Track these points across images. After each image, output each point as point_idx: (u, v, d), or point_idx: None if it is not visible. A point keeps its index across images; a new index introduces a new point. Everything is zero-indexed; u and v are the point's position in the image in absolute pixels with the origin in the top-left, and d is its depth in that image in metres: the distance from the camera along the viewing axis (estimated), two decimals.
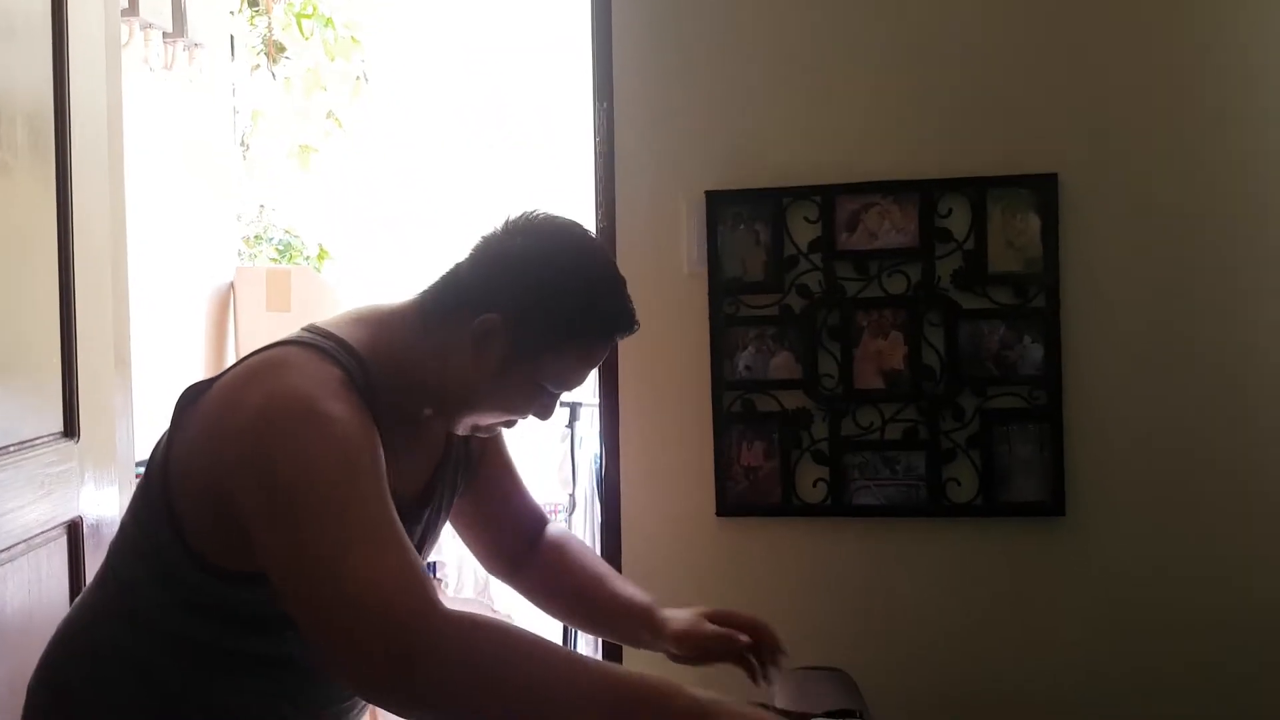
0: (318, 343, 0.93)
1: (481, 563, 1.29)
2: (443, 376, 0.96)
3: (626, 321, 0.99)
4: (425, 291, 0.99)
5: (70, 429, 1.74)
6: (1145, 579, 1.79)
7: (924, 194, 1.81)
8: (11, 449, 1.57)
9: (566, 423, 2.57)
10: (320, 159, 3.46)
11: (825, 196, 1.83)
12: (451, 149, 3.23)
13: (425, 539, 1.08)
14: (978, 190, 1.80)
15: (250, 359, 0.94)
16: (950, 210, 1.81)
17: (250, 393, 0.89)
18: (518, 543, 1.26)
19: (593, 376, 2.23)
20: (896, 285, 1.82)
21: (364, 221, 3.77)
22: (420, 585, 0.80)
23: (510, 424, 1.05)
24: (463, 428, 1.02)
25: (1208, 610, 1.77)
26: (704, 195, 1.86)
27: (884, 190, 1.82)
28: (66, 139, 1.69)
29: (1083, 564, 1.80)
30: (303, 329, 0.97)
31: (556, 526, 1.33)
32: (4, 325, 1.54)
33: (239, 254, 3.31)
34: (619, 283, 0.99)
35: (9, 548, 1.56)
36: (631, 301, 0.99)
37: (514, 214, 0.99)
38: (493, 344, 0.94)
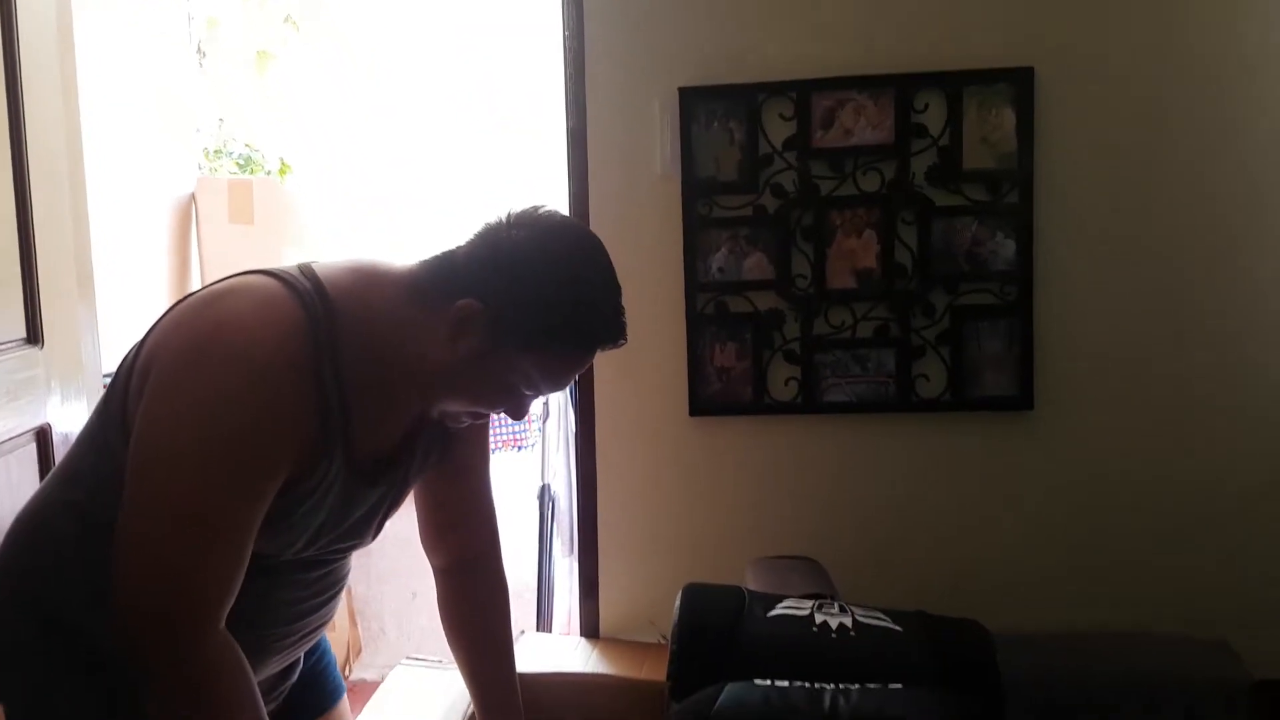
0: (294, 281, 0.91)
1: (420, 533, 1.23)
2: (414, 351, 0.93)
3: (614, 334, 0.94)
4: (422, 262, 0.96)
5: (33, 335, 1.72)
6: (1111, 470, 1.85)
7: (900, 89, 1.79)
8: None
9: None
10: (279, 65, 3.34)
11: (801, 92, 1.80)
12: (413, 60, 3.13)
13: (388, 504, 1.06)
14: (954, 85, 1.78)
15: (228, 278, 0.93)
16: (926, 106, 1.79)
17: (208, 313, 0.89)
18: (459, 544, 1.20)
19: None
20: (871, 183, 1.82)
21: (325, 133, 3.66)
22: (202, 605, 0.83)
23: (477, 417, 1.01)
24: (432, 410, 0.99)
25: (1171, 498, 1.84)
26: (677, 92, 1.82)
27: (860, 85, 1.79)
28: (14, 49, 1.63)
29: (1050, 456, 1.86)
30: (297, 265, 0.95)
31: (500, 567, 1.25)
32: None
33: (199, 167, 3.20)
34: (614, 292, 0.94)
35: None
36: (624, 314, 0.94)
37: (521, 206, 0.94)
38: (469, 332, 0.90)
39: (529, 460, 3.25)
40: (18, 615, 0.96)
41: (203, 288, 0.95)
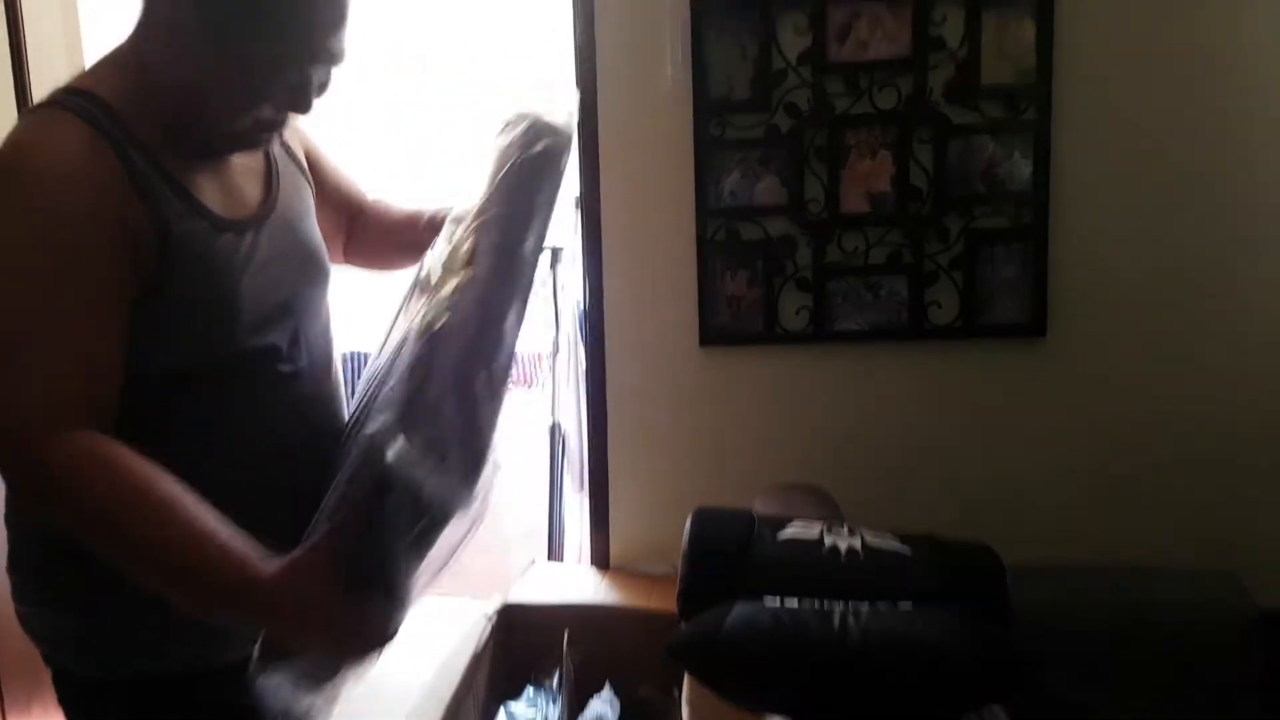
0: (62, 100, 0.87)
1: (344, 259, 1.23)
2: (175, 89, 0.88)
3: None
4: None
5: None
6: (1124, 398, 1.82)
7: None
8: None
9: (549, 266, 2.53)
10: None
11: (816, 4, 1.73)
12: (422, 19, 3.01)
13: (286, 254, 1.00)
14: None
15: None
16: (944, 17, 1.72)
17: None
18: (355, 225, 1.21)
19: (572, 212, 2.19)
20: (887, 100, 1.75)
21: (337, 128, 3.56)
22: (55, 408, 0.79)
23: (283, 119, 0.93)
24: (243, 129, 0.93)
25: (1184, 427, 1.81)
26: (688, 4, 1.75)
27: None
28: (20, 29, 1.60)
29: (1062, 384, 1.82)
30: (59, 90, 0.90)
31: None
32: None
33: None
34: None
35: None
36: None
37: None
38: (181, 33, 0.86)
39: (539, 398, 3.24)
40: (50, 568, 0.96)
41: None
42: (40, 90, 1.67)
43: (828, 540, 1.22)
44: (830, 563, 1.18)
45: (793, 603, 1.11)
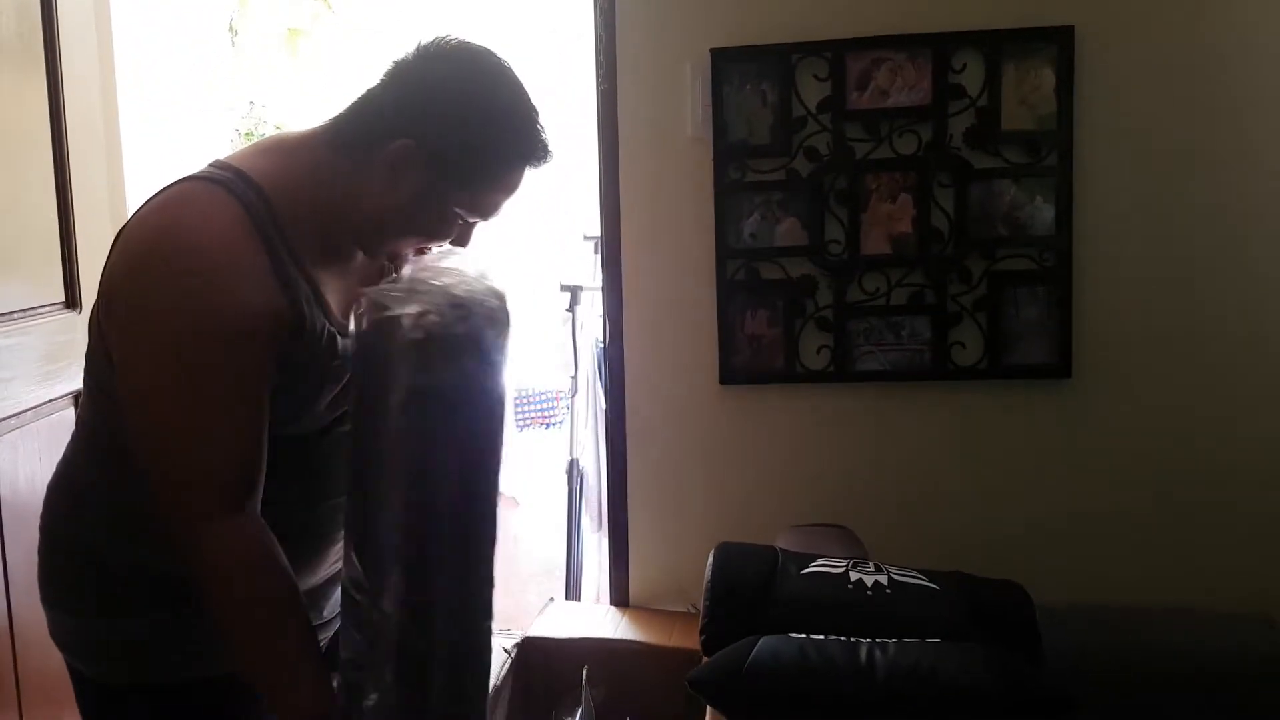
0: (218, 176, 0.91)
1: None
2: (355, 204, 0.94)
3: (541, 150, 0.95)
4: (337, 117, 0.96)
5: (72, 300, 1.76)
6: (1151, 440, 1.81)
7: (937, 48, 1.75)
8: (16, 315, 1.60)
9: (567, 306, 2.55)
10: (310, 43, 3.35)
11: (835, 52, 1.77)
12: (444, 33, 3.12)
13: None
14: (992, 44, 1.74)
15: (156, 195, 0.93)
16: (964, 66, 1.76)
17: (147, 227, 0.90)
18: None
19: (592, 257, 2.22)
20: (907, 146, 1.78)
21: None
22: (216, 493, 0.86)
23: (423, 250, 1.02)
24: (382, 254, 1.00)
25: (1212, 470, 1.79)
26: (709, 54, 1.80)
27: (896, 45, 1.76)
28: (54, 30, 1.68)
29: (1089, 426, 1.82)
30: (208, 164, 0.94)
31: None
32: (4, 209, 1.57)
33: (231, 144, 3.24)
34: (533, 111, 0.96)
35: (20, 414, 1.59)
36: (545, 132, 0.96)
37: (426, 39, 0.94)
38: (407, 171, 0.92)
39: (557, 437, 3.25)
40: (67, 562, 0.99)
41: (134, 213, 0.95)
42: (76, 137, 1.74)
43: (853, 575, 1.21)
44: (856, 597, 1.17)
45: (819, 636, 1.10)
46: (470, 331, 0.86)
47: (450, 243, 0.99)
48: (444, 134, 0.91)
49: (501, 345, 0.90)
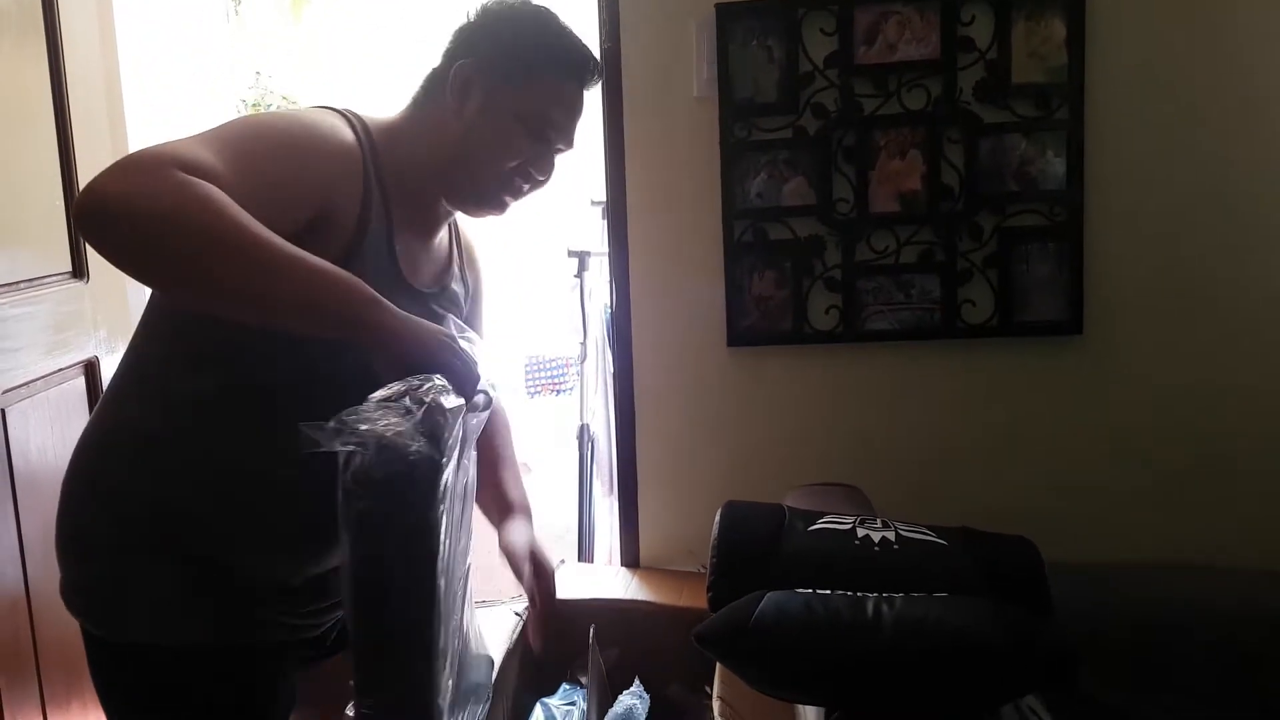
0: (337, 108, 1.00)
1: None
2: (440, 151, 1.01)
3: (592, 64, 1.04)
4: (415, 91, 1.06)
5: (79, 270, 1.76)
6: (1163, 395, 1.79)
7: (946, 0, 1.71)
8: (23, 285, 1.60)
9: (575, 272, 2.54)
10: (313, 10, 3.32)
11: (843, 6, 1.74)
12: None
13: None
14: None
15: None
16: (973, 18, 1.72)
17: None
18: None
19: (599, 222, 2.20)
20: (916, 101, 1.75)
21: (360, 85, 3.65)
22: (202, 175, 0.80)
23: (511, 186, 1.04)
24: (475, 201, 1.05)
25: (1225, 425, 1.78)
26: (713, 10, 1.77)
27: None
28: (54, 2, 1.67)
29: (1100, 382, 1.80)
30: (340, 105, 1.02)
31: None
32: (6, 180, 1.57)
33: (237, 114, 3.23)
34: (578, 36, 1.06)
35: (30, 383, 1.60)
36: (591, 50, 1.06)
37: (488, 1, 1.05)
38: (469, 89, 1.00)
39: (568, 404, 3.26)
40: (84, 506, 0.98)
41: None
42: (79, 107, 1.73)
43: (860, 532, 1.20)
44: (863, 553, 1.17)
45: (825, 591, 1.10)
46: (389, 477, 0.79)
47: (532, 169, 1.04)
48: (494, 42, 1.01)
49: (433, 480, 0.82)
